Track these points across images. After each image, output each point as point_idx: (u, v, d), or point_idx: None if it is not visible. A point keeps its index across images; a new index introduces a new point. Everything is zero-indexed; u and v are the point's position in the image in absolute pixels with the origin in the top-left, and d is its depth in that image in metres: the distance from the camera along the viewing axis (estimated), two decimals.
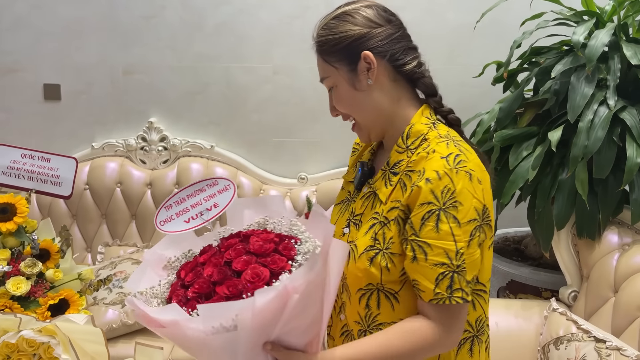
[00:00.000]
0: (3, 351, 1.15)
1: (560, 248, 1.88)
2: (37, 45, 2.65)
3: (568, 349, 1.60)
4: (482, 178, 0.94)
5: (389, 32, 1.02)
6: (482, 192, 0.92)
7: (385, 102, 1.02)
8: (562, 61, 1.87)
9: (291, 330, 0.86)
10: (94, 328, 1.24)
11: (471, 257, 0.90)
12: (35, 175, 1.53)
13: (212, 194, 1.02)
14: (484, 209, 0.91)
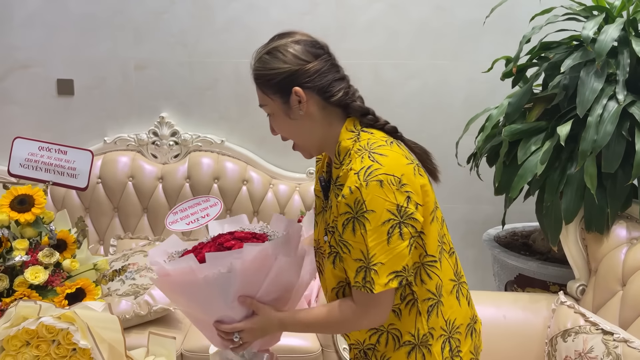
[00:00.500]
0: (23, 337, 1.18)
1: (568, 242, 1.89)
2: (50, 41, 2.69)
3: (576, 341, 1.62)
4: (398, 178, 1.05)
5: (317, 67, 1.11)
6: (395, 193, 1.03)
7: (316, 127, 1.15)
8: (572, 56, 1.88)
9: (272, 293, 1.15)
10: (111, 316, 1.28)
11: (393, 251, 1.04)
12: (52, 168, 1.57)
13: (205, 207, 1.34)
14: (398, 207, 1.03)
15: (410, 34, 2.71)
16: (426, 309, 1.13)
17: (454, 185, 2.81)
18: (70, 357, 1.18)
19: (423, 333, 1.13)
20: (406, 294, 1.12)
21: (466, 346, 1.19)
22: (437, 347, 1.14)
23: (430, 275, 1.12)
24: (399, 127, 1.27)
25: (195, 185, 2.65)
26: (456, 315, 1.17)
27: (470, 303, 1.24)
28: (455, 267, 1.21)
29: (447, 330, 1.15)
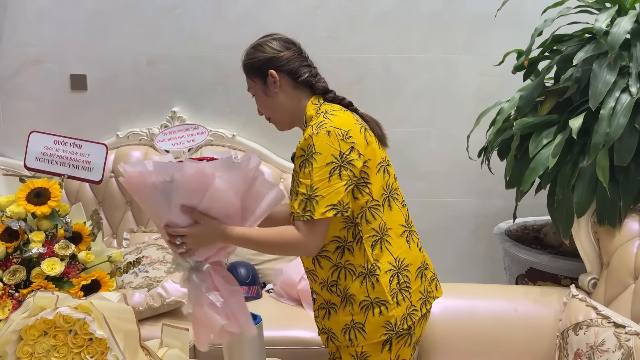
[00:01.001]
0: (41, 327, 1.21)
1: (580, 235, 1.89)
2: (63, 36, 2.71)
3: (587, 334, 1.62)
4: (345, 131, 1.32)
5: (287, 55, 1.43)
6: (340, 142, 1.30)
7: (289, 102, 1.44)
8: (584, 49, 1.87)
9: (212, 209, 1.31)
10: (126, 306, 1.30)
11: (331, 188, 1.28)
12: (68, 161, 1.60)
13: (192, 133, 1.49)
14: (341, 154, 1.30)
15: (420, 28, 2.70)
16: (370, 244, 1.37)
17: (464, 179, 2.81)
18: (87, 346, 1.20)
19: (370, 264, 1.36)
20: (356, 233, 1.36)
21: (415, 285, 1.41)
22: (385, 279, 1.37)
23: (375, 216, 1.37)
24: (409, 120, 1.51)
25: None
26: (405, 256, 1.41)
27: (421, 250, 1.48)
28: (407, 217, 1.46)
29: (395, 267, 1.38)
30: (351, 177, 1.30)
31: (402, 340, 1.40)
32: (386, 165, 1.42)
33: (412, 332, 1.42)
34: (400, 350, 1.41)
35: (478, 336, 1.81)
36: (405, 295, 1.39)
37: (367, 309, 1.37)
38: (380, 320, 1.37)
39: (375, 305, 1.37)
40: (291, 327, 2.12)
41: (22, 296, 1.42)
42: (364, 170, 1.35)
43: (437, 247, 2.87)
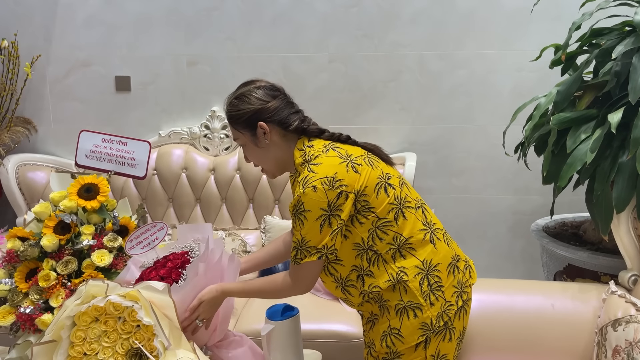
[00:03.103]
0: (92, 314, 1.28)
1: (620, 231, 1.86)
2: (108, 40, 2.83)
3: (627, 330, 1.59)
4: (332, 177, 1.33)
5: (275, 105, 1.40)
6: (327, 192, 1.32)
7: (279, 152, 1.43)
8: (624, 42, 1.84)
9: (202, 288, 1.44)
10: (168, 298, 1.36)
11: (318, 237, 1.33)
12: (114, 158, 1.68)
13: (154, 232, 1.52)
14: (329, 203, 1.32)
15: (456, 24, 2.70)
16: (390, 256, 1.39)
17: (501, 176, 2.79)
18: (135, 332, 1.27)
19: (396, 273, 1.38)
20: (370, 256, 1.39)
21: (448, 281, 1.42)
22: (415, 283, 1.38)
23: (387, 232, 1.38)
24: (445, 117, 1.60)
25: (245, 176, 2.74)
26: (432, 257, 1.41)
27: (450, 245, 1.48)
28: (424, 218, 1.44)
29: (423, 269, 1.40)
30: (339, 222, 1.34)
31: (439, 336, 1.40)
32: (386, 182, 1.39)
33: (451, 327, 1.42)
34: (439, 346, 1.41)
35: (515, 332, 1.80)
36: (438, 295, 1.40)
37: (401, 313, 1.39)
38: (416, 323, 1.38)
39: (410, 309, 1.38)
40: (327, 320, 2.16)
41: (74, 286, 1.51)
42: (363, 198, 1.36)
43: (474, 244, 2.87)
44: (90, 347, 1.27)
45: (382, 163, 1.46)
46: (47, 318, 1.46)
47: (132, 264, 1.53)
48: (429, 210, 1.48)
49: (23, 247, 1.52)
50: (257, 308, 2.27)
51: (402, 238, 1.39)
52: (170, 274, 1.45)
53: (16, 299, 1.51)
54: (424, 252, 1.41)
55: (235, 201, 2.74)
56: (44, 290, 1.49)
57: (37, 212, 1.57)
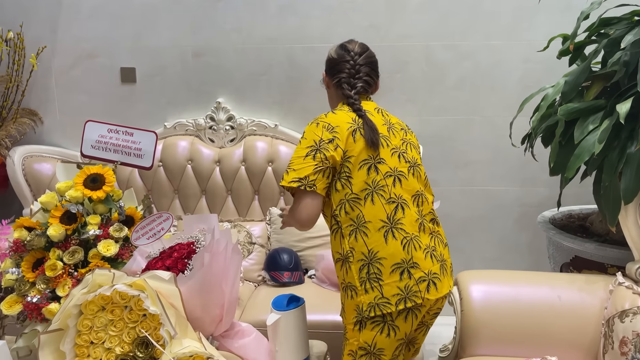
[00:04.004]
0: (99, 302, 1.28)
1: (627, 223, 1.84)
2: (114, 31, 2.83)
3: (634, 321, 1.59)
4: (332, 126, 1.53)
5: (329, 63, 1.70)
6: (323, 131, 1.52)
7: (330, 98, 1.74)
8: (633, 31, 1.82)
9: None
10: (174, 287, 1.36)
11: (303, 164, 1.49)
12: (120, 149, 1.67)
13: (159, 222, 1.55)
14: (320, 140, 1.51)
15: (462, 15, 2.68)
16: (348, 233, 1.52)
17: (508, 168, 2.78)
18: (141, 322, 1.27)
19: (346, 250, 1.52)
20: (332, 225, 1.56)
21: (390, 279, 1.48)
22: (355, 266, 1.50)
23: (354, 208, 1.51)
24: (451, 108, 2.27)
25: (250, 167, 2.73)
26: (379, 249, 1.50)
27: (406, 248, 1.51)
28: (392, 214, 1.52)
29: (367, 257, 1.50)
30: (322, 160, 1.49)
31: (376, 327, 1.49)
32: (374, 163, 1.53)
33: (391, 323, 1.50)
34: (376, 338, 1.50)
35: (520, 323, 1.80)
36: (374, 285, 1.48)
37: (345, 291, 1.55)
38: (352, 304, 1.52)
39: (349, 289, 1.53)
40: (332, 311, 2.16)
41: (81, 275, 1.51)
42: (346, 164, 1.51)
43: (480, 236, 2.86)
44: (97, 336, 1.27)
45: (388, 151, 1.57)
46: (54, 307, 1.47)
47: (138, 254, 1.54)
48: (407, 212, 1.53)
49: (30, 237, 1.53)
50: (262, 299, 2.27)
51: (363, 219, 1.51)
52: (177, 264, 1.45)
53: (23, 289, 1.51)
54: (374, 242, 1.50)
55: (240, 193, 2.74)
56: (50, 280, 1.50)
57: (43, 202, 1.57)
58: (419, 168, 1.62)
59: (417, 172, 1.60)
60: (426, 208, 1.59)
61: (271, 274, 2.43)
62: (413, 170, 1.59)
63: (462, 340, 1.85)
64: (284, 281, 2.39)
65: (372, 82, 1.69)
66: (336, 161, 1.50)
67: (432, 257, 1.54)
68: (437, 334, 2.47)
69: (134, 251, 1.55)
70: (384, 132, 1.59)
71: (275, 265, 2.43)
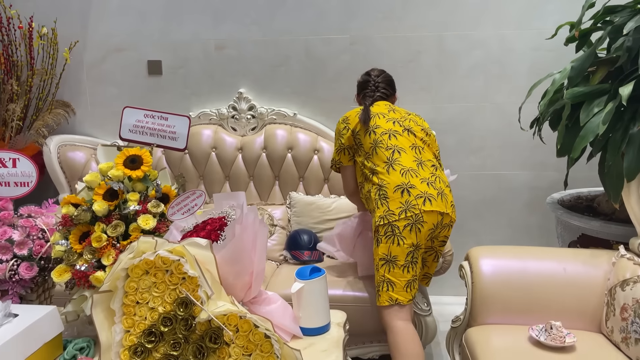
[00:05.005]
0: (143, 267, 1.43)
1: (630, 200, 1.94)
2: (141, 26, 2.98)
3: (634, 289, 1.70)
4: (346, 117, 2.24)
5: (360, 85, 2.35)
6: (341, 123, 2.24)
7: None
8: (635, 18, 1.92)
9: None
10: (209, 254, 1.50)
11: (335, 152, 2.26)
12: (156, 132, 1.82)
13: (193, 199, 1.69)
14: (339, 131, 2.23)
15: (473, 5, 2.78)
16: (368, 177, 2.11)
17: (518, 153, 2.88)
18: (181, 284, 1.42)
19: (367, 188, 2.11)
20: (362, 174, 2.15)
21: (394, 197, 1.99)
22: (373, 193, 2.05)
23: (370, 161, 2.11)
24: (463, 97, 2.65)
25: (270, 154, 2.87)
26: (384, 178, 2.04)
27: (404, 175, 2.02)
28: (391, 156, 2.07)
29: (378, 185, 2.05)
30: (341, 145, 2.21)
31: (388, 239, 1.97)
32: (372, 130, 2.13)
33: (399, 234, 1.96)
34: (390, 247, 1.97)
35: (528, 294, 1.91)
36: (383, 202, 2.01)
37: (372, 214, 2.07)
38: (373, 222, 2.04)
39: (373, 213, 2.05)
40: (349, 287, 2.29)
41: (123, 247, 1.66)
42: (357, 137, 2.16)
43: (492, 219, 2.97)
44: (142, 297, 1.42)
45: (382, 120, 2.15)
46: (100, 275, 1.62)
47: (174, 228, 1.68)
48: (403, 155, 2.07)
49: (77, 212, 1.68)
50: (284, 276, 2.41)
51: (373, 165, 2.08)
52: (210, 236, 1.59)
53: (71, 259, 1.67)
54: (382, 175, 2.05)
55: (262, 178, 2.88)
56: (96, 250, 1.65)
57: (87, 181, 1.73)
58: (417, 134, 2.14)
59: (412, 134, 2.13)
60: (425, 156, 2.10)
61: (292, 253, 2.57)
62: (407, 133, 2.12)
63: (473, 310, 1.96)
64: (304, 259, 2.52)
65: (389, 94, 2.31)
66: (350, 141, 2.18)
67: (429, 185, 2.02)
68: (451, 312, 2.59)
69: (170, 225, 1.69)
70: (384, 111, 2.18)
71: (296, 245, 2.57)
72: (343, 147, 2.19)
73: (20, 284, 1.80)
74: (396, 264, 1.96)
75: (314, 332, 1.65)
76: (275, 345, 1.36)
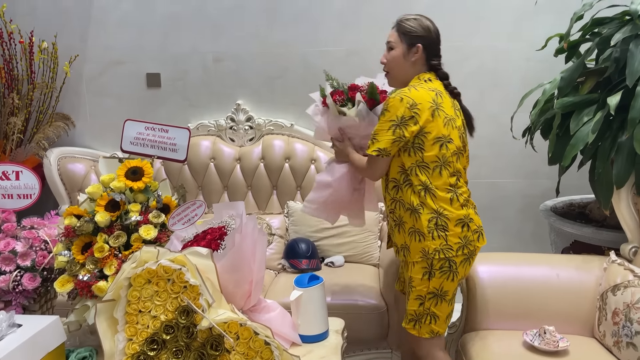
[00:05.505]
0: (146, 276, 1.46)
1: (620, 206, 1.99)
2: (140, 39, 3.03)
3: (625, 294, 1.74)
4: (414, 103, 1.73)
5: (429, 40, 1.84)
6: (404, 110, 1.73)
7: (411, 71, 1.85)
8: (622, 30, 1.98)
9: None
10: (210, 262, 1.54)
11: (383, 136, 1.76)
12: (156, 144, 1.86)
13: (193, 209, 1.72)
14: (402, 117, 1.73)
15: (466, 16, 2.84)
16: (417, 190, 1.78)
17: (512, 162, 2.93)
18: (183, 292, 1.45)
19: (416, 204, 1.79)
20: (405, 178, 1.80)
21: (454, 231, 1.78)
22: (425, 217, 1.78)
23: (422, 173, 1.78)
24: None
25: (268, 164, 2.91)
26: (445, 207, 1.78)
27: (465, 208, 1.81)
28: (455, 183, 1.80)
29: (436, 212, 1.78)
30: (400, 136, 1.74)
31: (443, 275, 1.79)
32: (445, 142, 1.78)
33: (455, 270, 1.79)
34: (443, 283, 1.80)
35: (522, 300, 1.95)
36: (440, 234, 1.77)
37: (411, 235, 1.82)
38: (418, 246, 1.80)
39: (416, 234, 1.80)
40: (347, 295, 2.33)
41: (124, 257, 1.69)
42: (420, 137, 1.75)
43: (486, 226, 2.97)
44: (144, 305, 1.45)
45: (456, 132, 1.82)
46: (102, 284, 1.65)
47: (175, 238, 1.72)
48: (462, 181, 1.85)
49: (79, 223, 1.71)
50: (282, 284, 2.44)
51: (430, 184, 1.78)
52: (210, 245, 1.63)
53: (74, 269, 1.70)
54: (441, 201, 1.78)
55: (260, 188, 2.92)
56: (98, 261, 1.68)
57: (90, 192, 1.76)
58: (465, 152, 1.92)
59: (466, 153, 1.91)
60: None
61: (290, 262, 2.60)
62: (464, 149, 1.89)
63: (469, 316, 2.00)
64: (302, 268, 2.56)
65: None
66: (412, 136, 1.76)
67: (477, 214, 1.87)
68: None
69: (171, 235, 1.73)
70: (452, 112, 1.83)
71: (294, 254, 2.61)
72: (403, 139, 1.74)
73: (24, 294, 1.82)
74: (444, 298, 1.82)
75: (313, 339, 1.68)
76: (275, 352, 1.39)
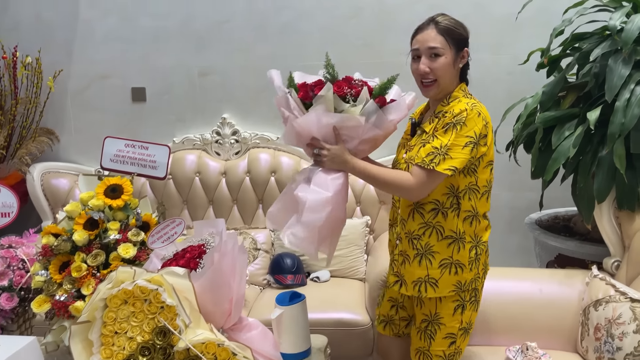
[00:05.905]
0: (122, 296, 1.45)
1: (602, 220, 2.00)
2: (125, 53, 3.02)
3: (606, 309, 1.74)
4: (487, 119, 1.59)
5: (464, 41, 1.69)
6: (481, 127, 1.56)
7: (453, 78, 1.67)
8: (601, 45, 1.99)
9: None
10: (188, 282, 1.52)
11: (461, 155, 1.53)
12: (136, 161, 1.85)
13: (173, 227, 1.68)
14: (479, 135, 1.55)
15: None
16: (464, 217, 1.61)
17: (497, 174, 2.91)
18: (159, 313, 1.43)
19: (461, 232, 1.61)
20: (454, 202, 1.61)
21: (483, 258, 1.68)
22: (467, 247, 1.63)
23: (473, 198, 1.62)
24: None
25: (254, 178, 2.90)
26: (482, 235, 1.67)
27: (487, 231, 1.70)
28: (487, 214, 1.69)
29: (474, 240, 1.64)
30: (474, 155, 1.57)
31: (472, 305, 1.68)
32: (493, 166, 1.69)
33: (479, 299, 1.71)
34: (472, 315, 1.69)
35: (505, 315, 1.95)
36: (476, 265, 1.65)
37: (444, 267, 1.62)
38: (453, 279, 1.63)
39: (455, 266, 1.62)
40: (332, 310, 2.31)
41: (103, 276, 1.67)
42: (478, 159, 1.59)
43: None
44: (121, 326, 1.43)
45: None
46: (79, 304, 1.63)
47: (154, 256, 1.70)
48: None
49: (57, 242, 1.69)
50: (267, 300, 2.43)
51: (476, 210, 1.63)
52: (189, 264, 1.62)
53: (51, 289, 1.68)
54: (480, 229, 1.66)
55: (245, 202, 2.91)
56: (76, 280, 1.66)
57: (68, 211, 1.74)
58: None
59: None
60: None
61: (275, 277, 2.59)
62: None
63: None
64: (287, 283, 2.54)
65: None
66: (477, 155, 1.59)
67: None
68: None
69: (150, 254, 1.71)
70: None
71: (279, 269, 2.59)
72: (473, 160, 1.58)
73: (1, 314, 1.80)
74: (469, 332, 1.71)
75: (295, 357, 1.67)
76: None
